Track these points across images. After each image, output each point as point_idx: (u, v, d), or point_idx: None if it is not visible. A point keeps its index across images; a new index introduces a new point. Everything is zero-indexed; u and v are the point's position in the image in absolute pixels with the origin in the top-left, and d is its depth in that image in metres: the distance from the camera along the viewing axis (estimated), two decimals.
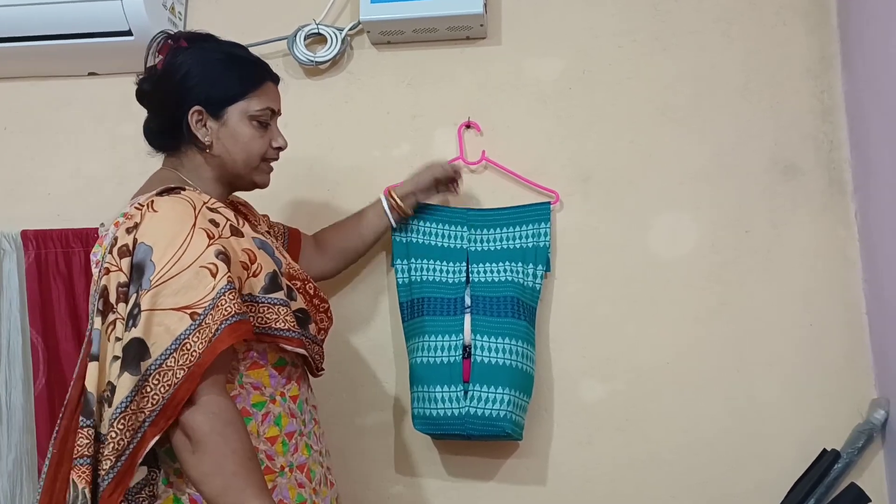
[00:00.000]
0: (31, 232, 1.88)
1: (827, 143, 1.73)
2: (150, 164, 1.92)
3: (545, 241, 1.72)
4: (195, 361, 1.12)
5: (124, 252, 1.18)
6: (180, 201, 1.24)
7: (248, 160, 1.36)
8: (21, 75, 2.02)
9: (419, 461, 1.74)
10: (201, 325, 1.14)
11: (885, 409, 1.54)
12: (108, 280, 1.18)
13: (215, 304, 1.15)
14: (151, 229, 1.19)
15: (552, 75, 1.84)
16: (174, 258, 1.16)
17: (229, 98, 1.33)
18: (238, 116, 1.34)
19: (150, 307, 1.13)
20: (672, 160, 1.77)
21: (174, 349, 1.12)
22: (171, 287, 1.15)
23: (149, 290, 1.14)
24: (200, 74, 1.32)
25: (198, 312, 1.14)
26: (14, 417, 1.82)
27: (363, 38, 1.91)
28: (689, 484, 1.66)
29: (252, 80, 1.35)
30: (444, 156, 1.82)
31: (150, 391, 1.12)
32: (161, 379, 1.12)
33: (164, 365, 1.12)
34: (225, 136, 1.34)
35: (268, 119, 1.37)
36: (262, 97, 1.36)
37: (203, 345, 1.13)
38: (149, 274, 1.15)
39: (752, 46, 1.79)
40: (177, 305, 1.14)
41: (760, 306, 1.70)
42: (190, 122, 1.32)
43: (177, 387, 1.12)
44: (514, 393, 1.58)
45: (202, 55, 1.34)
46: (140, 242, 1.18)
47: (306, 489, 1.28)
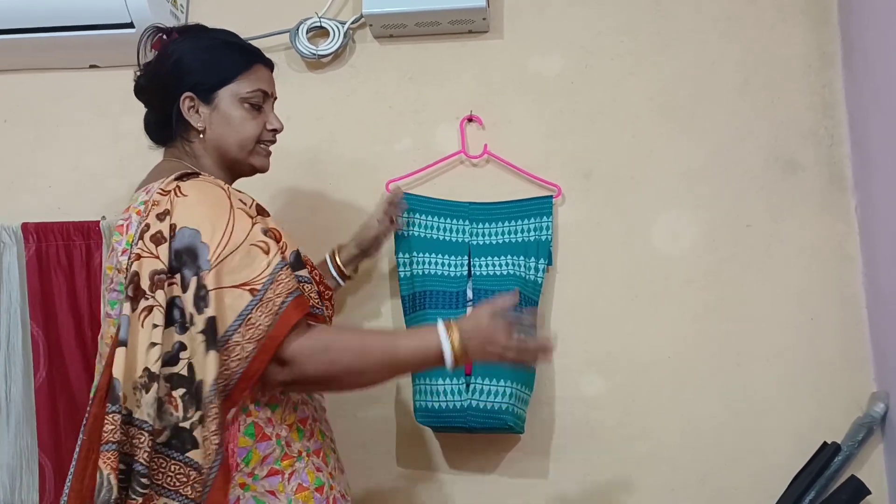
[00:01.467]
0: (32, 225, 1.88)
1: (827, 139, 1.74)
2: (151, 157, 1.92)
3: (547, 235, 1.72)
4: (265, 334, 1.17)
5: (159, 239, 1.18)
6: (208, 184, 1.25)
7: (242, 143, 1.35)
8: (22, 67, 2.01)
9: (421, 454, 1.75)
10: (262, 300, 1.18)
11: (884, 403, 1.55)
12: (140, 266, 1.17)
13: (274, 279, 1.19)
14: (190, 213, 1.20)
15: (554, 70, 1.85)
16: (224, 238, 1.19)
17: (219, 81, 1.33)
18: (229, 100, 1.33)
19: (215, 286, 1.17)
20: (673, 156, 1.78)
21: (239, 324, 1.16)
22: (227, 266, 1.18)
23: (210, 271, 1.17)
24: (190, 61, 1.32)
25: (257, 288, 1.18)
26: (14, 410, 1.82)
27: (365, 32, 1.91)
28: (690, 477, 1.67)
29: (241, 62, 1.35)
30: (445, 149, 1.83)
31: (223, 366, 1.16)
32: (230, 354, 1.16)
33: (231, 340, 1.16)
34: (217, 120, 1.33)
35: (260, 101, 1.36)
36: (253, 79, 1.35)
37: (269, 318, 1.17)
38: (204, 255, 1.17)
39: (752, 43, 1.80)
40: (235, 283, 1.18)
41: (760, 301, 1.71)
42: (182, 108, 1.32)
43: (250, 360, 1.17)
44: (516, 386, 1.59)
45: (192, 43, 1.35)
46: (182, 227, 1.19)
47: (323, 473, 1.30)
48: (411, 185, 1.82)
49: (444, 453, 1.75)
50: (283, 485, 1.23)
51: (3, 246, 1.88)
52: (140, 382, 1.14)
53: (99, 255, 1.84)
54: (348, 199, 1.85)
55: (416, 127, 1.87)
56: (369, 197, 1.84)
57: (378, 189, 1.82)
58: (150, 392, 1.13)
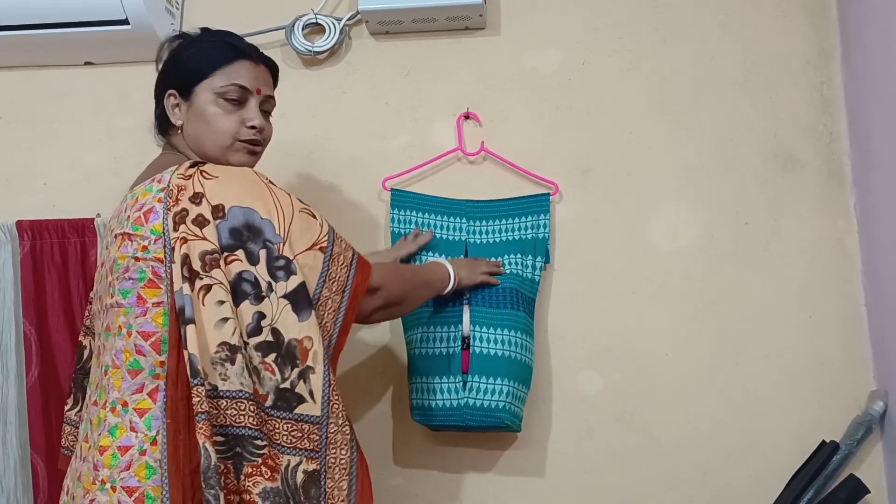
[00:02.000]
0: (27, 222, 1.87)
1: (826, 136, 1.73)
2: (146, 155, 1.92)
3: (544, 233, 1.71)
4: (348, 286, 1.29)
5: (202, 221, 1.21)
6: (229, 167, 1.30)
7: (215, 139, 1.34)
8: (17, 65, 2.01)
9: (418, 452, 1.74)
10: (332, 255, 1.28)
11: (883, 401, 1.55)
12: (189, 249, 1.19)
13: (334, 236, 1.30)
14: (233, 194, 1.24)
15: (551, 66, 1.84)
16: (280, 212, 1.25)
17: (196, 77, 1.34)
18: (205, 95, 1.33)
19: (294, 253, 1.24)
20: (671, 152, 1.77)
21: (324, 281, 1.26)
22: (294, 234, 1.25)
23: (284, 242, 1.23)
24: (175, 59, 1.36)
25: (324, 246, 1.28)
26: (7, 410, 1.81)
27: (361, 29, 1.91)
28: (688, 475, 1.66)
29: (221, 57, 1.35)
30: (442, 146, 1.82)
31: (322, 321, 1.25)
32: (325, 308, 1.26)
33: (322, 296, 1.26)
34: (192, 116, 1.35)
35: (236, 96, 1.34)
36: (230, 73, 1.34)
37: (346, 270, 1.30)
38: (271, 230, 1.23)
39: (751, 38, 1.79)
40: (306, 247, 1.26)
41: (759, 298, 1.70)
42: (166, 106, 1.36)
43: (345, 311, 1.29)
44: (513, 384, 1.58)
45: (184, 42, 1.38)
46: (231, 207, 1.22)
47: None
48: (408, 182, 1.82)
49: (441, 452, 1.74)
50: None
51: None
52: (219, 358, 1.17)
53: (94, 253, 1.83)
54: (345, 196, 1.85)
55: (412, 124, 1.86)
56: (366, 194, 1.83)
57: (375, 186, 1.81)
58: (235, 364, 1.17)
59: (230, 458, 1.16)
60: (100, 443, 1.20)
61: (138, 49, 1.89)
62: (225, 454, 1.16)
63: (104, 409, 1.21)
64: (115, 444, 1.18)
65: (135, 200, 1.27)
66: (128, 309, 1.23)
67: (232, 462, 1.16)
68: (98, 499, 1.17)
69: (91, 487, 1.19)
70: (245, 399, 1.17)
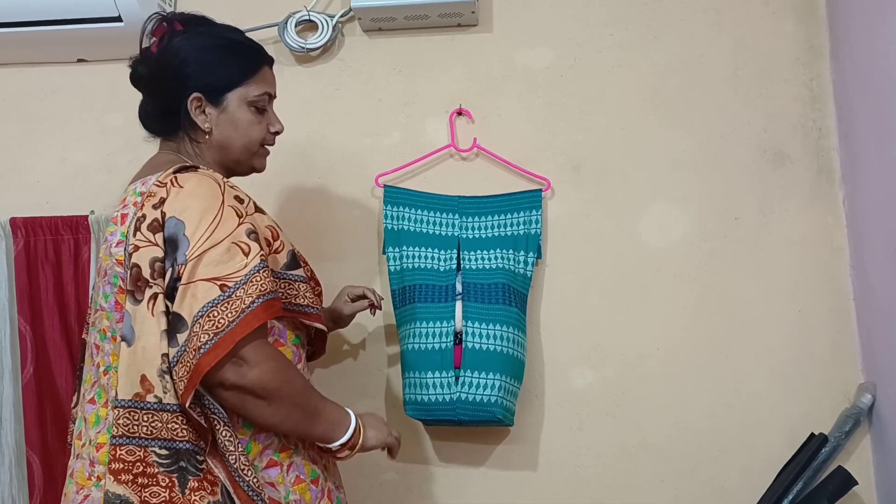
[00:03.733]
0: (21, 219, 1.87)
1: (815, 132, 1.75)
2: (139, 151, 1.92)
3: (536, 229, 1.72)
4: (223, 330, 1.14)
5: (155, 227, 1.19)
6: (205, 178, 1.25)
7: (247, 145, 1.36)
8: (9, 62, 2.00)
9: (411, 447, 1.75)
10: (231, 297, 1.16)
11: (871, 394, 1.56)
12: (140, 257, 1.18)
13: (248, 279, 1.18)
14: (181, 204, 1.20)
15: (543, 63, 1.85)
16: (207, 232, 1.18)
17: (229, 85, 1.33)
18: (237, 102, 1.33)
19: (188, 280, 1.16)
20: (662, 148, 1.78)
21: (200, 315, 1.15)
22: (205, 260, 1.17)
23: (185, 265, 1.16)
24: (198, 61, 1.31)
25: (228, 285, 1.17)
26: (2, 407, 1.81)
27: (354, 25, 1.91)
28: (679, 469, 1.68)
29: (250, 66, 1.35)
30: (435, 143, 1.82)
31: (185, 358, 1.15)
32: (189, 344, 1.14)
33: (192, 330, 1.15)
34: (224, 122, 1.33)
35: (265, 104, 1.37)
36: (261, 83, 1.36)
37: (233, 315, 1.15)
38: (183, 248, 1.17)
39: (741, 35, 1.80)
40: (208, 276, 1.17)
41: (749, 293, 1.71)
42: (189, 108, 1.31)
43: (203, 353, 1.13)
44: (506, 379, 1.59)
45: (199, 40, 1.32)
46: (170, 217, 1.19)
47: (318, 465, 1.31)
48: (401, 178, 1.82)
49: (434, 446, 1.75)
50: (283, 476, 1.24)
51: None
52: (163, 369, 1.16)
53: (87, 250, 1.83)
54: (338, 192, 1.85)
55: (405, 120, 1.87)
56: (359, 190, 1.84)
57: (368, 182, 1.82)
58: None
59: (174, 471, 1.15)
60: (97, 440, 1.21)
61: (131, 47, 1.85)
62: (169, 468, 1.15)
63: (104, 408, 1.22)
64: (110, 440, 1.19)
65: (122, 200, 1.28)
66: (109, 313, 1.24)
67: (177, 476, 1.15)
68: (92, 494, 1.18)
69: (86, 483, 1.20)
70: (182, 413, 1.16)
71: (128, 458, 1.14)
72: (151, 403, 1.15)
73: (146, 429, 1.15)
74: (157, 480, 1.14)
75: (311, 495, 1.27)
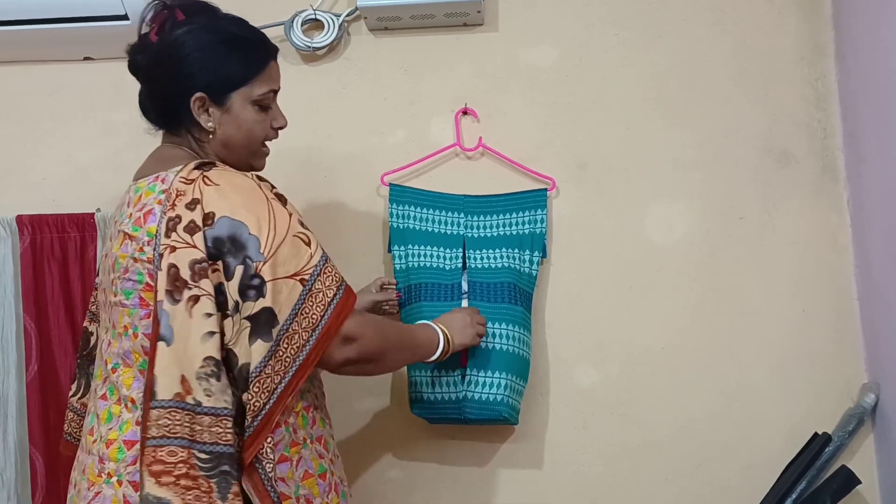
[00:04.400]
0: (27, 217, 1.87)
1: (820, 131, 1.75)
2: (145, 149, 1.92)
3: (541, 228, 1.73)
4: (321, 325, 1.21)
5: (193, 228, 1.18)
6: (237, 175, 1.26)
7: (249, 144, 1.35)
8: (15, 60, 2.00)
9: (417, 445, 1.76)
10: (311, 291, 1.22)
11: (875, 393, 1.57)
12: (178, 258, 1.18)
13: (321, 270, 1.23)
14: (227, 203, 1.20)
15: (548, 62, 1.85)
16: (271, 230, 1.20)
17: (233, 84, 1.30)
18: (241, 102, 1.31)
19: (272, 277, 1.18)
20: (666, 148, 1.79)
21: (295, 314, 1.19)
22: (280, 257, 1.20)
23: (265, 262, 1.18)
24: (201, 59, 1.28)
25: (305, 278, 1.22)
26: (7, 404, 1.82)
27: (360, 24, 1.91)
28: (683, 467, 1.69)
29: (256, 62, 1.32)
30: (440, 142, 1.83)
31: (283, 354, 1.19)
32: (290, 342, 1.19)
33: (290, 329, 1.19)
34: (228, 122, 1.31)
35: (270, 102, 1.36)
36: (266, 80, 1.33)
37: (321, 308, 1.22)
38: (255, 247, 1.19)
39: (745, 34, 1.80)
40: (287, 274, 1.20)
41: (753, 292, 1.72)
42: (192, 108, 1.29)
43: (308, 350, 1.20)
44: (511, 377, 1.60)
45: (202, 35, 1.28)
46: (221, 217, 1.19)
47: (325, 459, 1.31)
48: (406, 177, 1.83)
49: (439, 445, 1.76)
50: (292, 471, 1.24)
51: None
52: (204, 373, 1.15)
53: (93, 248, 1.84)
54: (343, 191, 1.86)
55: (410, 119, 1.87)
56: (364, 189, 1.84)
57: (373, 181, 1.82)
58: (221, 380, 1.15)
59: (213, 476, 1.14)
60: (107, 436, 1.21)
61: None
62: (209, 472, 1.14)
63: (118, 405, 1.22)
64: (121, 437, 1.20)
65: (138, 197, 1.26)
66: (131, 310, 1.23)
67: (216, 481, 1.14)
68: (104, 492, 1.19)
69: (97, 480, 1.20)
70: (228, 416, 1.16)
71: (169, 460, 1.13)
72: (190, 405, 1.15)
73: (188, 430, 1.14)
74: (199, 484, 1.13)
75: (318, 489, 1.27)
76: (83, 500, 1.21)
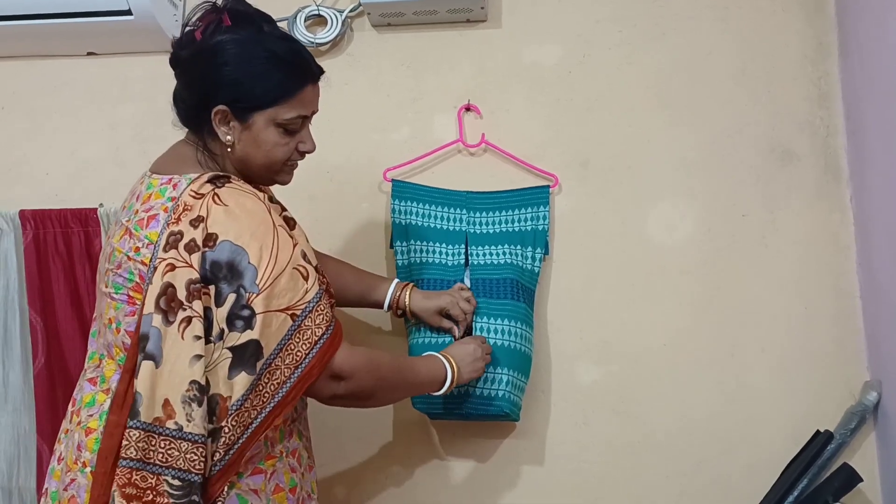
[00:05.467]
0: (30, 212, 1.88)
1: (823, 130, 1.75)
2: (148, 145, 1.93)
3: (544, 225, 1.73)
4: (304, 364, 1.20)
5: (192, 248, 1.17)
6: (248, 197, 1.23)
7: (268, 165, 1.30)
8: (19, 55, 2.01)
9: (418, 441, 1.76)
10: (300, 327, 1.20)
11: (877, 392, 1.57)
12: (175, 277, 1.16)
13: (314, 308, 1.21)
14: (233, 228, 1.18)
15: (552, 59, 1.85)
16: (271, 260, 1.18)
17: (258, 105, 1.25)
18: (264, 123, 1.26)
19: (264, 310, 1.17)
20: (669, 145, 1.79)
21: (280, 349, 1.19)
22: (276, 289, 1.18)
23: (258, 294, 1.17)
24: (235, 72, 1.23)
25: (297, 314, 1.20)
26: (12, 397, 1.83)
27: (363, 20, 1.91)
28: (683, 465, 1.69)
29: (290, 85, 1.27)
30: (443, 138, 1.83)
31: (262, 389, 1.18)
32: (271, 378, 1.18)
33: (273, 364, 1.18)
34: (247, 139, 1.27)
35: (297, 127, 1.30)
36: (296, 105, 1.28)
37: (307, 347, 1.21)
38: (252, 277, 1.17)
39: (749, 33, 1.80)
40: (280, 307, 1.19)
41: (755, 291, 1.72)
42: (213, 118, 1.25)
43: (288, 388, 1.20)
44: (513, 374, 1.60)
45: (243, 48, 1.24)
46: (223, 240, 1.17)
47: (297, 473, 1.31)
48: (409, 173, 1.83)
49: (440, 440, 1.76)
50: (265, 484, 1.24)
51: (0, 233, 1.88)
52: (189, 396, 1.14)
53: (98, 243, 1.84)
54: (346, 187, 1.86)
55: (413, 116, 1.87)
56: (367, 185, 1.85)
57: (376, 177, 1.83)
58: (202, 405, 1.14)
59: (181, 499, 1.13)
60: (87, 423, 1.21)
61: (141, 40, 1.89)
62: (180, 499, 1.13)
63: (103, 395, 1.23)
64: (100, 427, 1.20)
65: (148, 195, 1.25)
66: (118, 304, 1.23)
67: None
68: (78, 480, 1.19)
69: (73, 467, 1.21)
70: (204, 445, 1.14)
71: (141, 485, 1.13)
72: (171, 430, 1.14)
73: (162, 456, 1.13)
74: None
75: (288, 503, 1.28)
76: (62, 482, 1.22)
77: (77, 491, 1.19)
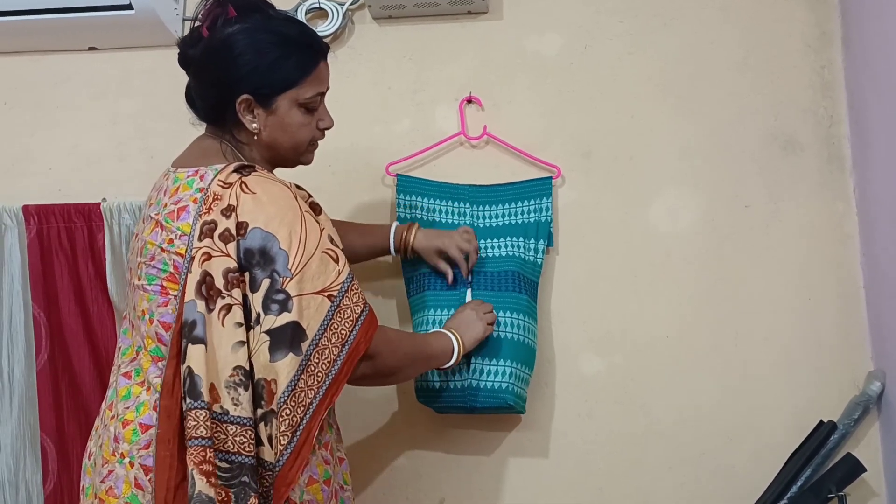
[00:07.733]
0: (33, 207, 1.87)
1: (826, 119, 1.74)
2: (151, 140, 1.93)
3: (547, 216, 1.73)
4: (350, 341, 1.24)
5: (227, 237, 1.20)
6: (275, 184, 1.26)
7: (295, 146, 1.36)
8: (20, 50, 2.01)
9: (422, 434, 1.76)
10: (339, 307, 1.24)
11: (881, 382, 1.57)
12: (211, 266, 1.19)
13: (349, 287, 1.26)
14: (262, 215, 1.22)
15: (553, 50, 1.85)
16: (301, 245, 1.21)
17: (281, 88, 1.29)
18: (288, 105, 1.30)
19: (298, 293, 1.20)
20: (672, 136, 1.78)
21: (324, 329, 1.21)
22: (307, 273, 1.21)
23: (291, 278, 1.20)
24: (253, 60, 1.27)
25: (333, 294, 1.23)
26: (17, 392, 1.83)
27: (364, 13, 1.91)
28: (687, 455, 1.69)
29: (306, 65, 1.31)
30: (445, 131, 1.83)
31: (314, 369, 1.21)
32: (321, 357, 1.21)
33: (320, 344, 1.21)
34: (273, 124, 1.31)
35: (317, 104, 1.35)
36: (314, 83, 1.32)
37: (349, 324, 1.24)
38: (283, 262, 1.20)
39: (751, 22, 1.80)
40: (315, 290, 1.22)
41: (759, 281, 1.72)
42: (237, 109, 1.28)
43: (340, 365, 1.23)
44: (517, 366, 1.60)
45: (254, 36, 1.27)
46: (253, 227, 1.21)
47: (330, 465, 1.32)
48: (411, 167, 1.83)
49: (445, 433, 1.76)
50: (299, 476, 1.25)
51: (4, 228, 1.88)
52: (234, 381, 1.17)
53: (101, 238, 1.84)
54: (347, 180, 1.86)
55: (415, 108, 1.87)
56: (368, 178, 1.85)
57: (378, 171, 1.82)
58: (248, 390, 1.17)
59: (233, 486, 1.15)
60: (125, 416, 1.23)
61: (142, 34, 1.89)
62: (228, 482, 1.15)
63: (139, 387, 1.24)
64: (138, 419, 1.21)
65: (175, 189, 1.26)
66: (151, 295, 1.24)
67: (234, 491, 1.15)
68: (116, 471, 1.20)
69: (111, 458, 1.22)
70: (252, 427, 1.17)
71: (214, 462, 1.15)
72: (217, 413, 1.16)
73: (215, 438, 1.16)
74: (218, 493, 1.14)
75: (322, 495, 1.29)
76: (98, 475, 1.23)
77: (115, 482, 1.20)
